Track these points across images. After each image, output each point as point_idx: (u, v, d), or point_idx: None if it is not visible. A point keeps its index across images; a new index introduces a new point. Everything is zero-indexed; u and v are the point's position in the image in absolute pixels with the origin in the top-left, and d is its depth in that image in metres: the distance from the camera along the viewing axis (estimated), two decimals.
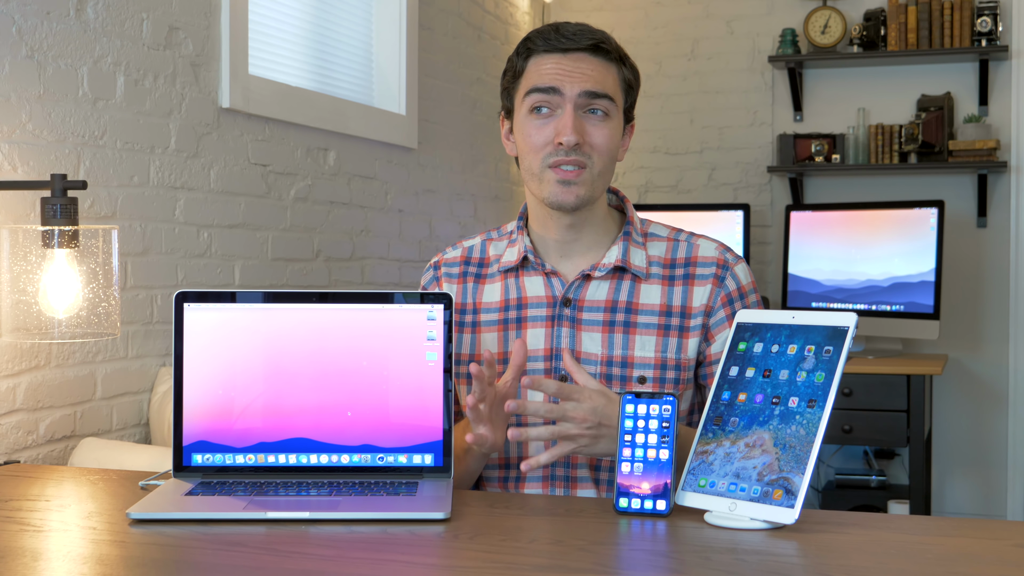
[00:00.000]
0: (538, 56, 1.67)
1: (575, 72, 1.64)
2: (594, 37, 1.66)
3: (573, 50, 1.65)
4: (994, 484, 4.42)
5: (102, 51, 2.28)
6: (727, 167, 4.72)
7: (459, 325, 1.74)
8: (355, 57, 3.45)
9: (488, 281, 1.76)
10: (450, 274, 1.78)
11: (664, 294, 1.69)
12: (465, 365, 1.72)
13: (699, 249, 1.72)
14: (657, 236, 1.74)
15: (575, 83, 1.63)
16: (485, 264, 1.78)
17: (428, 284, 1.80)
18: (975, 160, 4.24)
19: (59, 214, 1.79)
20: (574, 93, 1.63)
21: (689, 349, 1.68)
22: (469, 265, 1.78)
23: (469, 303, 1.75)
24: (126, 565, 1.21)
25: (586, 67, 1.64)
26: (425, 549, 1.27)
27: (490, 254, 1.78)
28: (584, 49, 1.65)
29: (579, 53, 1.65)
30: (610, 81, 1.66)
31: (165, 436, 2.32)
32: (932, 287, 3.90)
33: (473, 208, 4.16)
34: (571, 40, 1.65)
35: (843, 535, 1.29)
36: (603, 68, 1.66)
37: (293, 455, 1.52)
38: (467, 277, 1.77)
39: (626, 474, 1.38)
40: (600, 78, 1.65)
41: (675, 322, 1.68)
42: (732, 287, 1.70)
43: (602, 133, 1.65)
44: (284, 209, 2.95)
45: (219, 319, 1.54)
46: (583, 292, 1.70)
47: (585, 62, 1.65)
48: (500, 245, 1.78)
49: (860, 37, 4.40)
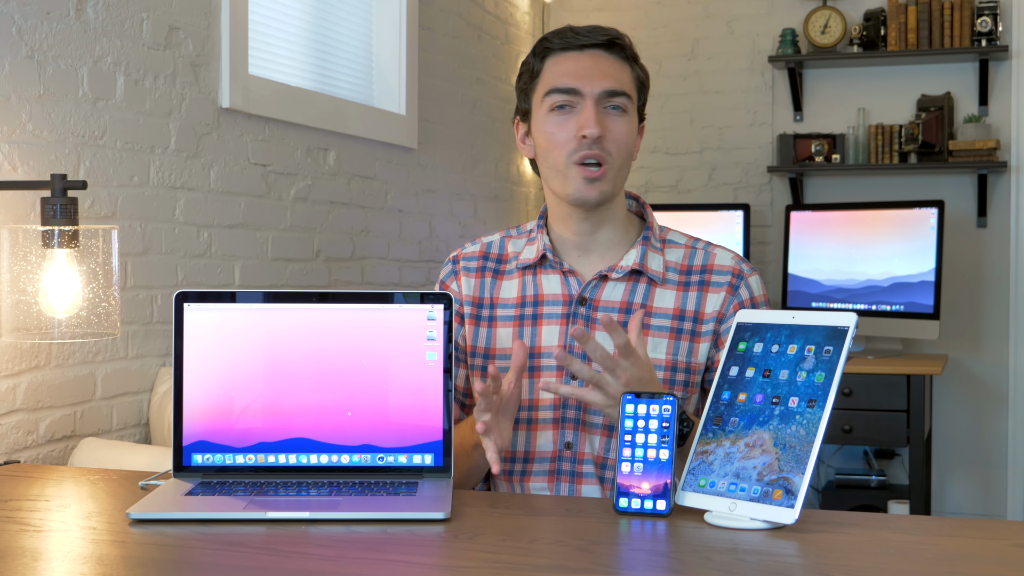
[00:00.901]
0: (555, 55, 1.70)
1: (594, 70, 1.67)
2: (608, 34, 1.70)
3: (590, 46, 1.68)
4: (994, 484, 4.42)
5: (102, 51, 2.28)
6: (727, 167, 4.72)
7: (476, 319, 1.76)
8: (355, 57, 3.45)
9: (506, 277, 1.77)
10: (468, 268, 1.79)
11: (678, 299, 1.71)
12: (481, 358, 1.75)
13: (716, 258, 1.74)
14: (675, 243, 1.77)
15: (595, 83, 1.66)
16: (504, 260, 1.79)
17: (446, 278, 1.81)
18: (975, 160, 4.24)
19: (59, 214, 1.79)
20: (595, 92, 1.66)
21: (700, 353, 1.70)
22: (488, 260, 1.80)
23: (487, 298, 1.77)
24: (126, 565, 1.21)
25: (604, 65, 1.68)
26: (425, 549, 1.27)
27: (509, 251, 1.80)
28: (600, 45, 1.69)
29: (595, 50, 1.68)
30: (626, 78, 1.69)
31: (165, 436, 2.32)
32: (932, 287, 3.90)
33: (473, 208, 4.16)
34: (587, 36, 1.68)
35: (843, 535, 1.29)
36: (619, 66, 1.69)
37: (293, 455, 1.52)
38: (485, 272, 1.78)
39: (626, 474, 1.38)
40: (617, 76, 1.68)
41: (687, 326, 1.70)
42: (745, 296, 1.72)
43: (622, 128, 1.67)
44: (284, 209, 2.95)
45: (219, 319, 1.54)
46: (599, 292, 1.71)
47: (602, 60, 1.68)
48: (519, 243, 1.80)
49: (860, 37, 4.40)
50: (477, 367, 1.76)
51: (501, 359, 1.72)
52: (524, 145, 1.76)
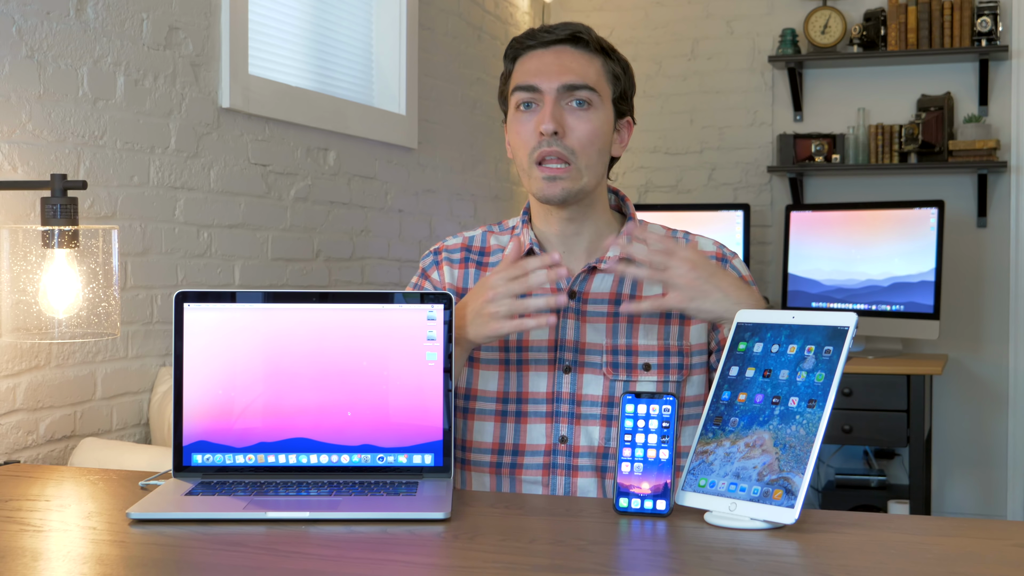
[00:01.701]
0: (523, 56, 1.71)
1: (554, 65, 1.67)
2: (572, 28, 1.69)
3: (552, 43, 1.69)
4: (994, 484, 4.42)
5: (102, 51, 2.28)
6: (727, 167, 4.72)
7: None
8: (355, 57, 3.45)
9: (490, 269, 1.77)
10: (451, 259, 1.79)
11: None
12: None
13: (698, 244, 1.77)
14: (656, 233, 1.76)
15: (553, 77, 1.66)
16: (486, 253, 1.80)
17: (428, 268, 1.81)
18: (975, 160, 4.24)
19: (59, 214, 1.80)
20: (553, 87, 1.65)
21: (691, 336, 1.72)
22: (470, 252, 1.80)
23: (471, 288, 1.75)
24: (126, 565, 1.21)
25: (566, 59, 1.67)
26: (425, 549, 1.27)
27: (491, 244, 1.81)
28: (563, 40, 1.68)
29: (559, 45, 1.68)
30: (592, 72, 1.68)
31: (165, 436, 2.32)
32: (932, 287, 3.90)
33: (473, 208, 4.16)
34: (550, 33, 1.69)
35: (843, 535, 1.29)
36: (584, 59, 1.68)
37: (293, 455, 1.52)
38: (468, 263, 1.79)
39: (626, 474, 1.38)
40: (580, 70, 1.67)
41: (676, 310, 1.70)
42: None
43: (584, 124, 1.66)
44: (284, 209, 2.95)
45: (219, 319, 1.54)
46: (588, 285, 1.72)
47: (565, 54, 1.68)
48: (502, 238, 1.81)
49: (860, 37, 4.40)
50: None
51: (486, 350, 1.72)
52: (508, 148, 1.77)
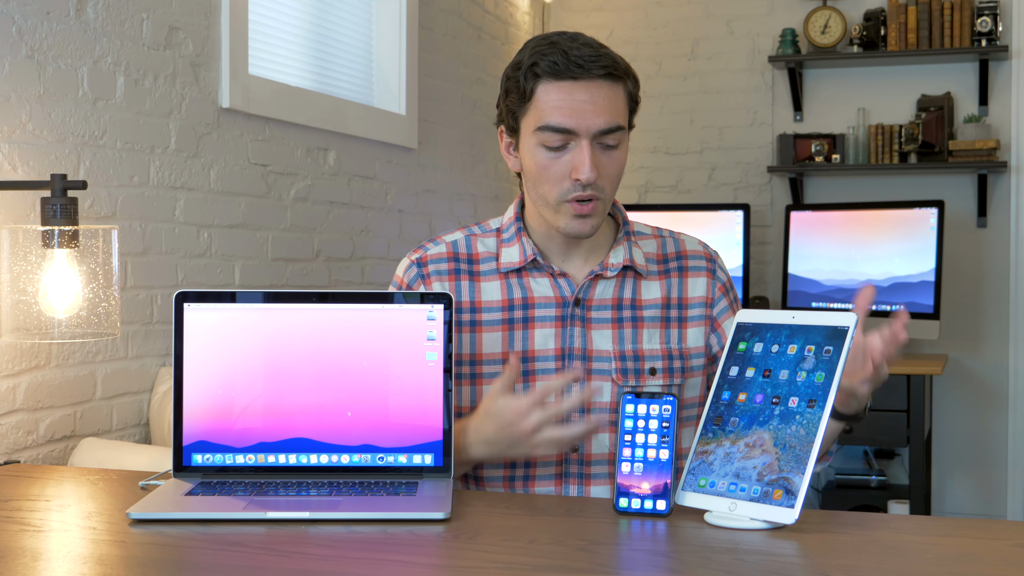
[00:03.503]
0: (547, 82, 1.61)
1: (588, 105, 1.59)
2: (604, 64, 1.60)
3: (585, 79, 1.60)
4: (994, 484, 4.42)
5: (102, 51, 2.28)
6: (727, 167, 4.72)
7: (456, 324, 1.70)
8: (355, 57, 3.45)
9: (484, 279, 1.72)
10: (439, 271, 1.72)
11: (663, 288, 1.74)
12: (468, 365, 1.70)
13: (685, 244, 1.79)
14: (644, 235, 1.79)
15: (590, 120, 1.59)
16: (475, 261, 1.73)
17: (412, 282, 1.73)
18: (975, 160, 4.24)
19: (59, 214, 1.79)
20: (591, 131, 1.60)
21: (689, 339, 1.73)
22: (459, 262, 1.73)
23: (466, 301, 1.71)
24: (126, 565, 1.21)
25: (600, 97, 1.60)
26: (425, 549, 1.27)
27: (479, 251, 1.74)
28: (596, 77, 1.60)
29: (591, 80, 1.60)
30: (620, 107, 1.63)
31: (165, 436, 2.32)
32: (932, 287, 3.90)
33: (473, 208, 4.16)
34: (582, 69, 1.59)
35: (843, 535, 1.29)
36: (614, 94, 1.61)
37: (293, 455, 1.52)
38: (460, 275, 1.72)
39: (626, 474, 1.38)
40: (613, 108, 1.61)
41: (674, 313, 1.74)
42: (724, 278, 1.79)
43: (614, 164, 1.64)
44: (284, 209, 2.95)
45: (219, 319, 1.54)
46: (591, 292, 1.72)
47: (598, 91, 1.60)
48: (489, 242, 1.75)
49: (860, 37, 4.40)
50: (464, 375, 1.70)
51: (488, 364, 1.68)
52: (508, 156, 1.70)
